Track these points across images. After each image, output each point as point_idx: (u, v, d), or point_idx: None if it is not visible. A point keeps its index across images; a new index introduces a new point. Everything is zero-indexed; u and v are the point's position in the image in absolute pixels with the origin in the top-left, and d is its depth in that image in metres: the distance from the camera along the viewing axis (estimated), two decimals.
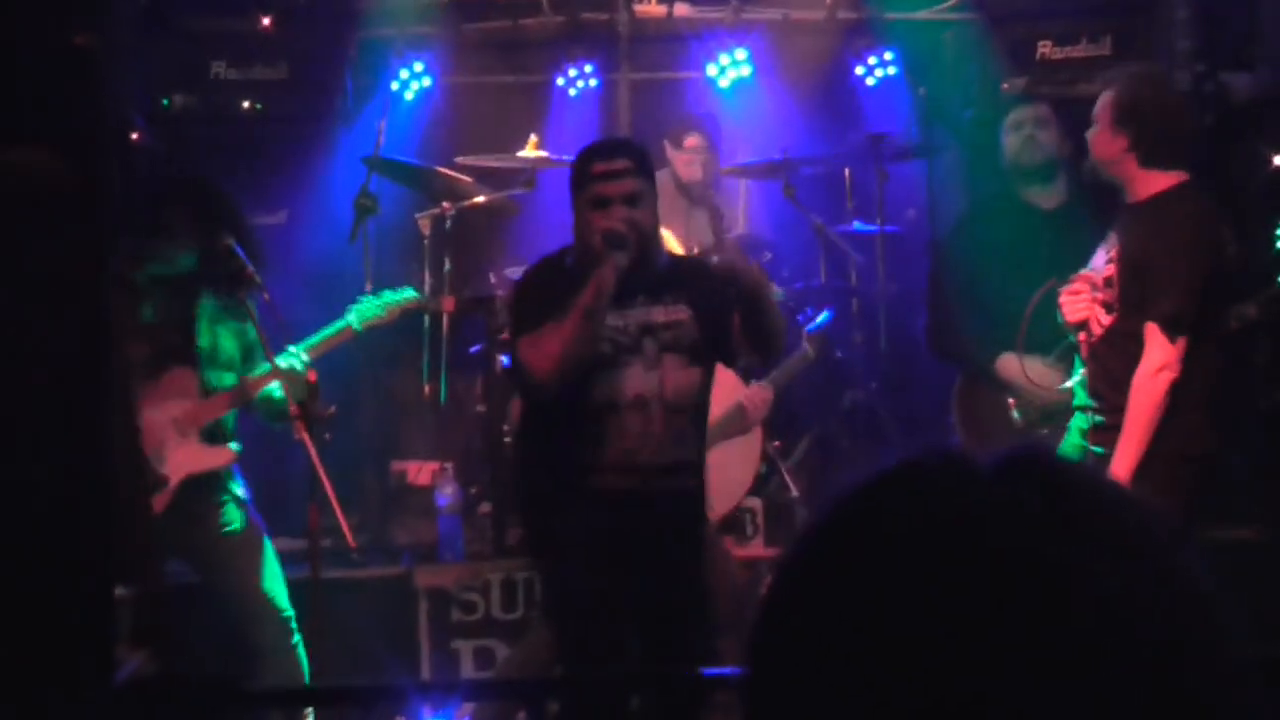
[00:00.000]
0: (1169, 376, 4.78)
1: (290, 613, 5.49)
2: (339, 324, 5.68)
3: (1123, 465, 4.77)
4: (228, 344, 5.52)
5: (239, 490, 5.56)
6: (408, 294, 5.86)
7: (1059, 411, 5.22)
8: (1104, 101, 4.99)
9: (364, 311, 5.72)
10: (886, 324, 7.38)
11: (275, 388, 5.44)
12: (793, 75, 8.39)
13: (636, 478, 4.78)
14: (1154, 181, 4.96)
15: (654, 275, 4.88)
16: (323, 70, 7.90)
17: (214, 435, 5.51)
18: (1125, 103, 4.94)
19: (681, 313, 4.88)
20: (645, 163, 4.86)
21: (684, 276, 4.97)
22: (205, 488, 5.49)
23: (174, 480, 5.43)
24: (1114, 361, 4.92)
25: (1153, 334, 4.82)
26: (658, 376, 4.81)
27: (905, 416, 7.33)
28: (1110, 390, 4.90)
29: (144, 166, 6.80)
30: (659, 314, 4.86)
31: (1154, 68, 6.02)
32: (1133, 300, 4.88)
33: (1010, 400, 5.76)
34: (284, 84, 7.87)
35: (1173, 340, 4.78)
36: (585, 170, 4.82)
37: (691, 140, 7.59)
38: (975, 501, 0.98)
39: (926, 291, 6.55)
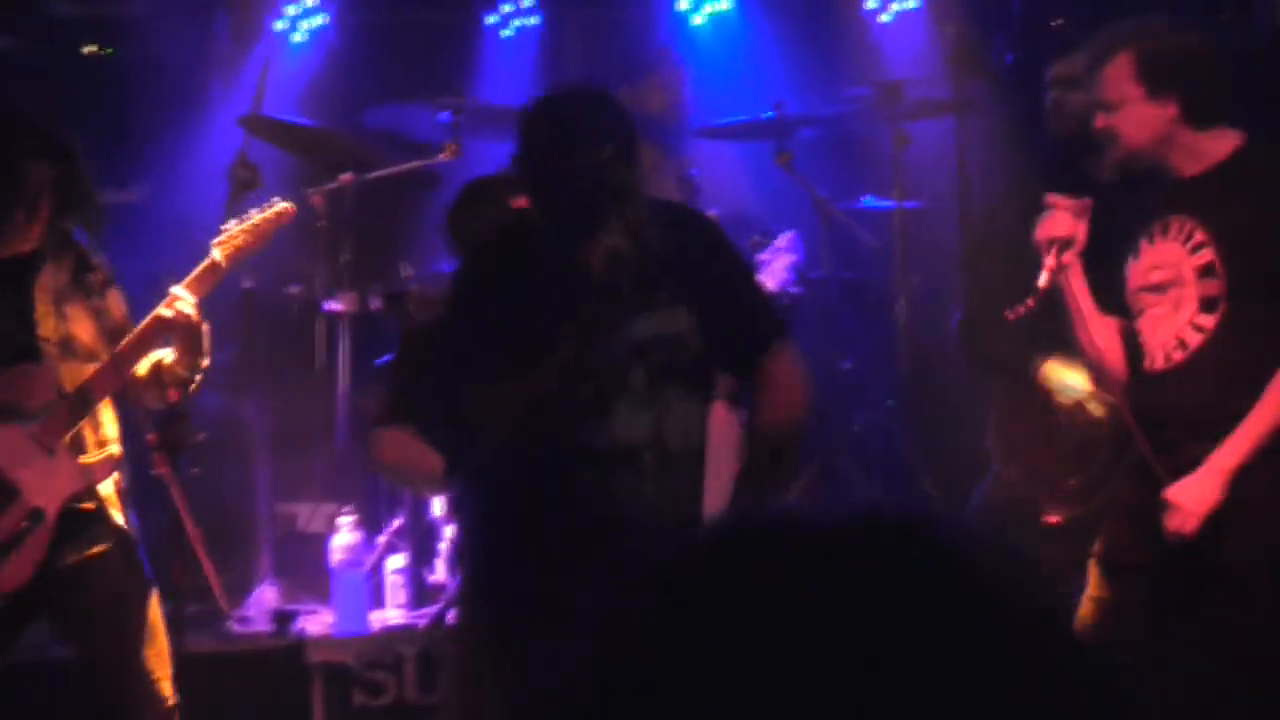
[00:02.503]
0: None
1: (170, 701, 5.37)
2: (201, 264, 5.51)
3: (1232, 457, 4.79)
4: (83, 329, 5.39)
5: (124, 520, 5.38)
6: (276, 207, 5.67)
7: (1123, 434, 5.20)
8: (1120, 72, 4.94)
9: (227, 240, 5.56)
10: (907, 325, 7.39)
11: (165, 354, 5.38)
12: (786, 9, 8.54)
13: (620, 537, 4.69)
14: (1215, 144, 4.94)
15: (641, 272, 4.69)
16: (189, 4, 7.89)
17: (82, 446, 5.35)
18: (1159, 63, 4.92)
19: (678, 319, 4.72)
20: (624, 136, 4.66)
21: (677, 252, 4.76)
22: (77, 521, 5.31)
23: (52, 511, 5.26)
24: (1235, 367, 4.88)
25: None
26: (651, 417, 4.71)
27: (932, 441, 7.33)
28: (1233, 401, 4.86)
29: None
30: (647, 326, 4.69)
31: (1157, 17, 6.11)
32: (1254, 286, 4.82)
33: (1058, 419, 5.76)
34: (139, 23, 7.93)
35: None
36: (543, 168, 4.70)
37: (651, 79, 7.61)
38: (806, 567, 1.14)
39: (959, 283, 6.52)
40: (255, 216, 5.64)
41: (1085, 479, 5.49)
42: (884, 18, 8.40)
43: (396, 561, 6.85)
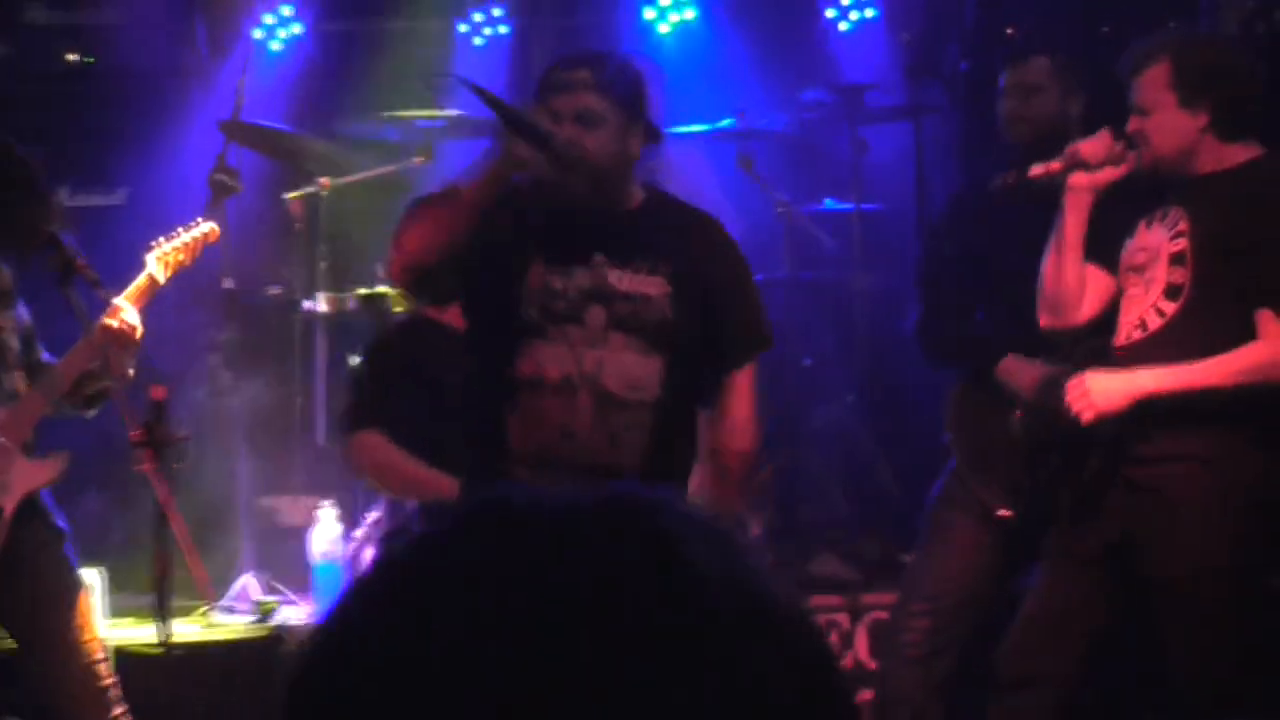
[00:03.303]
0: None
1: (108, 680, 5.44)
2: (139, 278, 5.59)
3: (1152, 382, 4.85)
4: (10, 337, 5.47)
5: (57, 519, 5.48)
6: (203, 227, 5.83)
7: (1076, 428, 5.26)
8: (1158, 79, 4.99)
9: (161, 257, 5.66)
10: (866, 323, 7.49)
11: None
12: (749, 19, 8.50)
13: (551, 477, 4.70)
14: (1235, 154, 5.03)
15: (623, 229, 4.80)
16: (167, 13, 8.05)
17: (29, 449, 5.45)
18: (1194, 73, 4.96)
19: (654, 285, 4.77)
20: (616, 79, 4.77)
21: (677, 238, 4.86)
22: (30, 518, 5.42)
23: (8, 509, 5.35)
24: (1185, 355, 4.89)
25: (1266, 323, 4.85)
26: (596, 356, 4.74)
27: (890, 435, 7.43)
28: (1166, 399, 4.88)
29: None
30: (621, 279, 4.76)
31: (1199, 30, 6.11)
32: (1214, 283, 4.90)
33: (1016, 413, 5.80)
34: (118, 30, 8.00)
35: None
36: (542, 80, 4.80)
37: None
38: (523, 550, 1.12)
39: (916, 281, 6.58)
40: (186, 235, 5.74)
41: (1038, 476, 5.52)
42: (843, 27, 8.41)
43: (372, 552, 6.87)
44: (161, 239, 5.70)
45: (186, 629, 6.29)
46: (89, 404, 5.52)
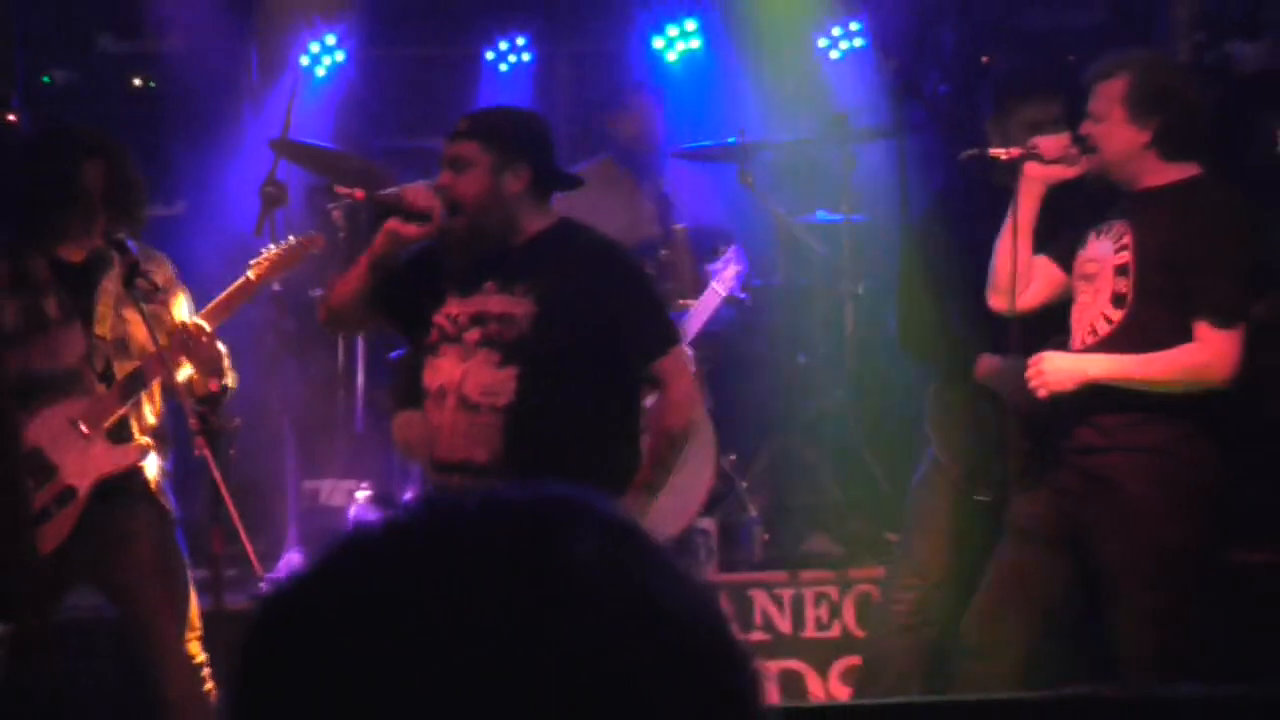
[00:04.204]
0: (1219, 377, 4.97)
1: (200, 658, 5.57)
2: (237, 281, 5.73)
3: (1097, 368, 4.99)
4: (138, 330, 5.49)
5: (166, 502, 5.58)
6: (306, 235, 5.95)
7: (1044, 422, 5.36)
8: (1114, 92, 5.09)
9: (258, 263, 5.78)
10: (855, 324, 7.56)
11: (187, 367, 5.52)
12: (749, 48, 8.57)
13: (432, 473, 5.23)
14: (1175, 172, 5.14)
15: (512, 258, 5.13)
16: (223, 42, 8.13)
17: (123, 434, 5.52)
18: (1146, 92, 5.07)
19: (520, 306, 5.08)
20: (486, 129, 5.15)
21: (563, 263, 5.14)
22: (124, 498, 5.51)
23: (83, 488, 5.43)
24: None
25: (1202, 332, 4.96)
26: (464, 369, 5.08)
27: (876, 426, 7.53)
28: (1119, 395, 5.04)
29: (19, 150, 6.87)
30: (499, 303, 5.10)
31: (1163, 52, 6.13)
32: (1155, 292, 5.03)
33: (990, 404, 5.88)
34: (179, 58, 8.11)
35: (1227, 330, 4.94)
36: None
37: (624, 111, 7.82)
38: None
39: (897, 283, 6.64)
40: (292, 243, 5.84)
41: (1008, 464, 5.50)
42: (834, 55, 8.57)
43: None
44: (270, 246, 5.87)
45: (236, 600, 6.36)
46: (197, 402, 5.40)
